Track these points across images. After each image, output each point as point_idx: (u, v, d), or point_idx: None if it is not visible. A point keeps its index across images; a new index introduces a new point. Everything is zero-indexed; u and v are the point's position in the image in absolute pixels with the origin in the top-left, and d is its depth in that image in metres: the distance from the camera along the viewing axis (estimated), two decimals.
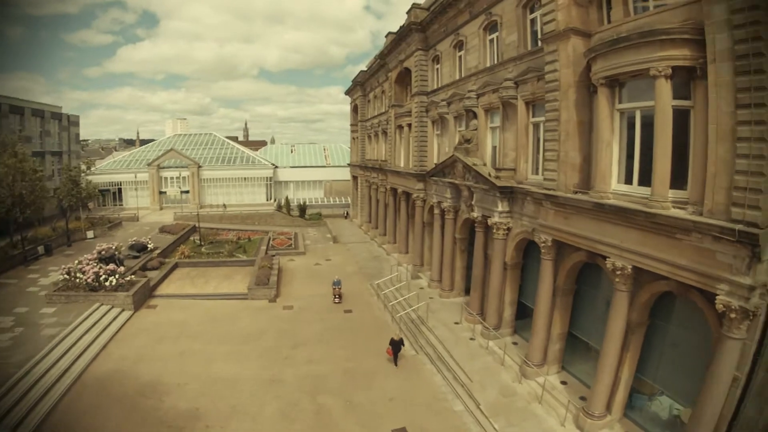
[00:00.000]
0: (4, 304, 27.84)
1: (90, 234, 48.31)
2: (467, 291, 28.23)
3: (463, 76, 26.91)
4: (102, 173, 70.71)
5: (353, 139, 62.42)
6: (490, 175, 21.76)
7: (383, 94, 45.68)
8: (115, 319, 26.95)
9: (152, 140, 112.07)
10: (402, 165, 37.81)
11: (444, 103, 28.57)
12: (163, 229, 50.21)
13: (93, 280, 28.87)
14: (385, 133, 44.45)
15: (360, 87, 55.12)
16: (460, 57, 27.71)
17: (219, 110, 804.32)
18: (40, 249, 40.67)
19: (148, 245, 39.62)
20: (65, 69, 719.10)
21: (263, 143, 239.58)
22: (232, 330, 25.89)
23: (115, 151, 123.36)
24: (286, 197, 63.20)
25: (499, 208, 21.34)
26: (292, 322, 27.00)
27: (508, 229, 21.65)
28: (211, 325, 26.61)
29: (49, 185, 52.71)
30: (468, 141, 24.82)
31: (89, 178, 69.53)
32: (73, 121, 64.50)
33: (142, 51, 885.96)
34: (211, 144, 76.53)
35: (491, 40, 24.13)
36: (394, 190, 40.48)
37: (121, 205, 69.45)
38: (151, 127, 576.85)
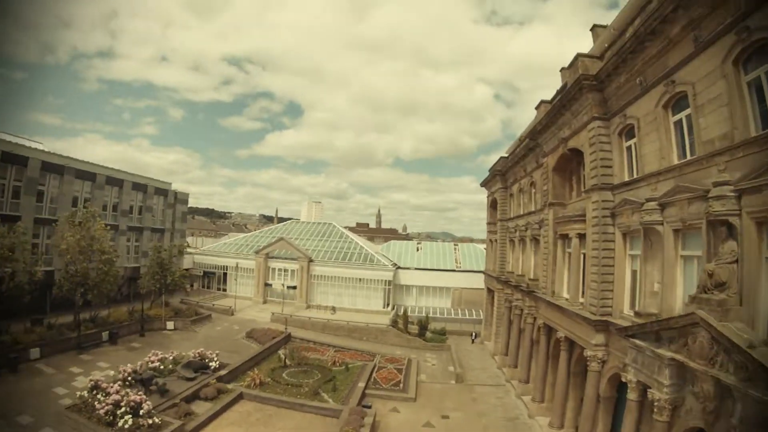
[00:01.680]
0: (16, 403, 24.05)
1: (170, 325, 43.55)
2: None
3: (694, 156, 15.40)
4: (210, 254, 69.04)
5: (490, 241, 51.54)
6: None
7: (533, 187, 35.20)
8: None
9: (289, 219, 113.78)
10: (566, 295, 25.88)
11: (653, 205, 16.97)
12: (251, 335, 42.97)
13: (107, 413, 21.91)
14: (536, 240, 33.20)
15: (500, 177, 45.09)
16: (679, 123, 16.58)
17: (356, 195, 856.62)
18: (105, 335, 36.58)
19: (211, 364, 31.49)
20: (217, 149, 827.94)
21: (394, 231, 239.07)
22: None
23: (233, 231, 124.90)
24: (405, 311, 52.84)
25: None
26: None
27: None
28: None
29: (143, 263, 49.87)
30: (720, 286, 12.92)
31: (196, 258, 67.56)
32: (180, 199, 63.55)
33: (287, 138, 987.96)
34: (329, 235, 70.37)
35: (754, 83, 12.89)
36: (548, 328, 28.20)
37: (224, 291, 65.50)
38: (290, 206, 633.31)
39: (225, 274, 66.59)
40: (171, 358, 31.41)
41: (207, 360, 31.69)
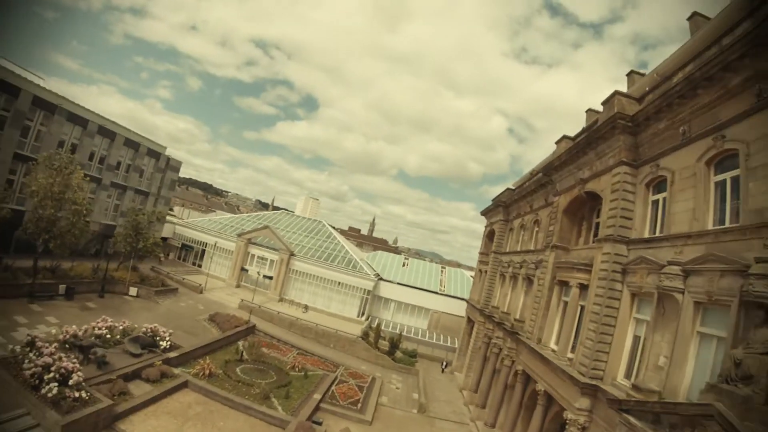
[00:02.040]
0: None
1: (132, 292, 41.30)
2: None
3: (736, 224, 13.52)
4: (192, 228, 67.04)
5: (480, 271, 49.60)
6: None
7: (536, 225, 33.49)
8: None
9: (284, 209, 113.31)
10: (553, 346, 23.88)
11: (675, 269, 15.07)
12: (214, 318, 40.67)
13: (33, 376, 19.63)
14: (529, 280, 31.33)
15: (503, 209, 43.24)
16: (722, 184, 14.81)
17: (354, 200, 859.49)
18: (61, 288, 34.51)
19: (162, 343, 29.16)
20: (228, 126, 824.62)
21: (384, 242, 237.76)
22: None
23: (223, 210, 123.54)
24: (378, 325, 50.50)
25: None
26: None
27: None
28: None
29: (120, 223, 47.55)
30: (747, 379, 11.01)
31: (177, 229, 65.48)
32: (172, 166, 61.41)
33: (298, 129, 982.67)
34: (316, 233, 68.20)
35: None
36: (526, 376, 26.20)
37: (199, 267, 63.41)
38: (287, 198, 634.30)
39: (203, 251, 64.49)
40: (121, 328, 29.22)
41: (158, 338, 29.37)
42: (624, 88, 27.24)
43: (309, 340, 44.71)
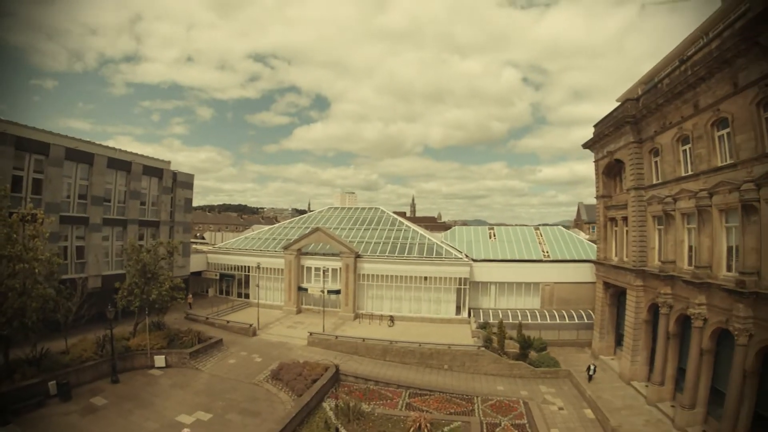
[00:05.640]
0: None
1: (159, 362, 33.31)
2: None
3: None
4: (227, 252, 59.93)
5: (608, 221, 40.40)
6: None
7: (716, 128, 25.08)
8: None
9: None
10: None
11: None
12: (278, 375, 32.39)
13: None
14: (745, 210, 22.33)
15: (631, 127, 34.05)
16: None
17: (386, 186, 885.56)
18: (51, 387, 26.26)
19: None
20: (247, 144, 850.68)
21: (433, 219, 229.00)
22: None
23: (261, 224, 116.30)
24: (500, 322, 41.45)
25: None
26: None
27: None
28: None
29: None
30: None
31: (210, 258, 58.51)
32: (182, 182, 52.85)
33: (315, 131, 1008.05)
34: (377, 223, 59.93)
35: None
36: None
37: (247, 297, 56.34)
38: (321, 199, 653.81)
39: (247, 277, 57.34)
40: None
41: None
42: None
43: (415, 367, 36.68)
